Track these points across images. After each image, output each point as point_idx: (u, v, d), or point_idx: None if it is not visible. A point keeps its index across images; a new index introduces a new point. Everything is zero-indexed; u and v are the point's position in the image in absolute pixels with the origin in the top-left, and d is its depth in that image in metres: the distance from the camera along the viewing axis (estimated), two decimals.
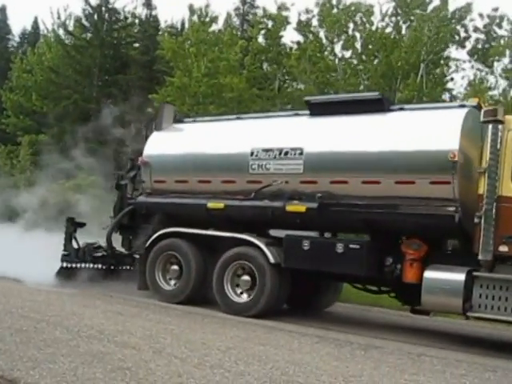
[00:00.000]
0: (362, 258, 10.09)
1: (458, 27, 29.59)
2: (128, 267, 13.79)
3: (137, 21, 41.98)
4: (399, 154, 10.03)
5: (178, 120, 13.50)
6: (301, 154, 10.83)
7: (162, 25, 41.58)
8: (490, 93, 27.41)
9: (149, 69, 36.14)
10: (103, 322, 8.97)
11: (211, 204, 11.63)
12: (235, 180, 11.56)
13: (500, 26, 29.15)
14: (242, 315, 10.66)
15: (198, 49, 28.33)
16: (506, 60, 28.23)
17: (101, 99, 35.03)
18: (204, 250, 11.81)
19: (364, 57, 29.33)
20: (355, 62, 29.76)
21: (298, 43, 30.56)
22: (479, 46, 30.07)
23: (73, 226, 13.62)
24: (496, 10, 29.26)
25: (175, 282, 12.02)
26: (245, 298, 11.07)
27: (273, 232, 11.70)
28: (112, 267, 13.78)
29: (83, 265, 13.43)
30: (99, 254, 13.65)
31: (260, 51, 30.49)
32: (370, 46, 28.74)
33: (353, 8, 28.96)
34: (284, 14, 30.66)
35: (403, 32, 29.48)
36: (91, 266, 13.52)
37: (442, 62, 29.98)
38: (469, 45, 30.25)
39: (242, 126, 12.42)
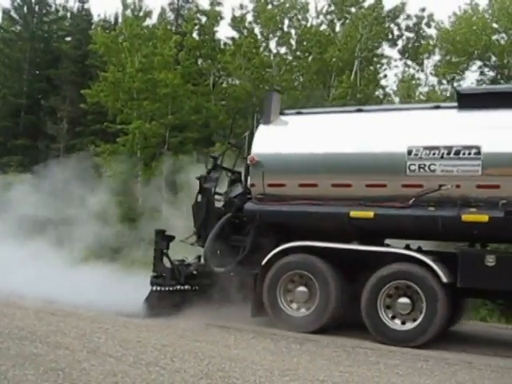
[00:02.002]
0: None
1: (392, 26, 30.25)
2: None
3: (69, 14, 41.10)
4: None
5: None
6: (477, 153, 8.97)
7: (95, 19, 40.85)
8: (420, 89, 28.08)
9: (81, 63, 35.45)
10: (35, 323, 8.77)
11: (355, 213, 9.56)
12: (386, 184, 9.52)
13: (429, 26, 29.95)
14: (404, 346, 8.82)
15: (132, 44, 28.00)
16: (435, 57, 29.02)
17: (31, 94, 34.27)
18: (344, 269, 9.71)
19: (299, 53, 29.59)
20: (290, 58, 29.98)
21: (233, 39, 30.57)
22: (410, 45, 30.81)
23: (164, 240, 11.10)
24: (423, 10, 30.09)
25: (298, 305, 9.88)
26: (405, 324, 9.16)
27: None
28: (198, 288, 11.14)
29: (176, 287, 10.90)
30: (191, 274, 11.10)
31: (194, 47, 30.35)
32: (305, 43, 29.02)
33: (287, 5, 29.17)
34: (217, 9, 30.65)
35: (337, 29, 29.89)
36: (184, 287, 10.97)
37: (375, 59, 30.55)
38: (401, 43, 30.99)
39: (380, 119, 10.37)
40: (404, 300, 9.13)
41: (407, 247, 9.53)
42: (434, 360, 8.02)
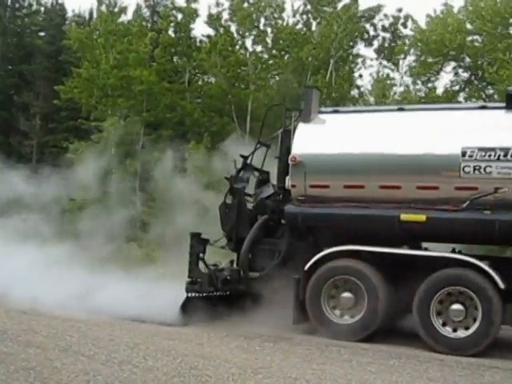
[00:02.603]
0: None
1: (367, 26, 30.42)
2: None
3: (42, 9, 40.68)
4: None
5: None
6: None
7: (69, 14, 40.50)
8: (395, 89, 28.28)
9: (55, 59, 35.12)
10: (6, 322, 8.67)
11: (407, 216, 9.21)
12: (438, 186, 9.20)
13: (405, 26, 30.16)
14: (460, 354, 8.49)
15: (107, 40, 27.82)
16: (411, 58, 29.24)
17: (3, 90, 33.84)
18: (393, 274, 9.32)
19: (275, 52, 29.63)
20: (266, 56, 30.01)
21: (209, 37, 30.50)
22: (386, 45, 31.01)
23: (200, 244, 10.51)
24: (400, 10, 30.29)
25: (342, 312, 9.48)
26: (456, 332, 8.83)
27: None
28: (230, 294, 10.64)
29: (213, 294, 10.40)
30: (225, 279, 10.43)
31: (170, 44, 30.22)
32: (281, 42, 29.06)
33: (263, 3, 29.18)
34: (193, 6, 30.56)
35: (313, 28, 29.98)
36: (221, 294, 10.48)
37: (350, 58, 30.70)
38: (377, 43, 31.18)
39: (425, 119, 9.98)
40: (457, 307, 8.83)
41: (455, 251, 9.34)
42: (405, 357, 8.08)
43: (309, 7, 29.96)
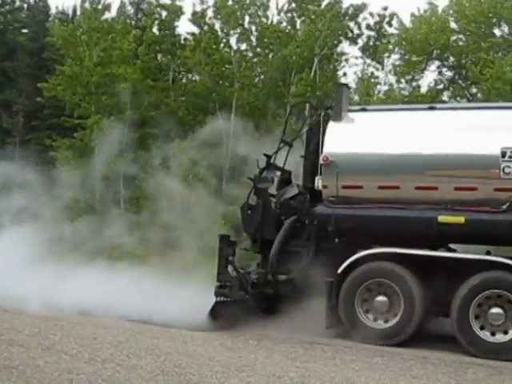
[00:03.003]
0: None
1: (351, 24, 30.48)
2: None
3: (25, 5, 40.35)
4: None
5: None
6: None
7: (53, 11, 40.20)
8: (379, 87, 28.39)
9: (38, 56, 34.85)
10: None
11: (444, 217, 8.99)
12: (476, 187, 9.02)
13: (390, 25, 30.26)
14: (497, 359, 8.28)
15: (90, 37, 27.68)
16: (395, 56, 29.35)
17: None
18: (429, 277, 9.16)
19: (259, 50, 29.62)
20: (250, 54, 30.00)
21: (193, 34, 30.44)
22: (371, 43, 31.10)
23: (230, 247, 10.10)
24: (385, 9, 30.37)
25: (375, 316, 9.26)
26: (495, 336, 8.65)
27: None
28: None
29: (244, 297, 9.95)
30: (253, 282, 9.98)
31: (154, 41, 30.13)
32: (265, 40, 29.06)
33: (248, 1, 29.16)
34: (178, 4, 30.49)
35: (298, 27, 30.01)
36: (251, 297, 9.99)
37: (335, 56, 30.76)
38: (361, 42, 31.25)
39: (460, 118, 9.78)
40: (497, 310, 8.62)
41: (489, 253, 9.14)
42: (389, 355, 8.12)
43: (293, 5, 29.97)
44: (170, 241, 15.80)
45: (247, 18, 29.52)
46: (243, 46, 30.02)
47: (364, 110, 10.50)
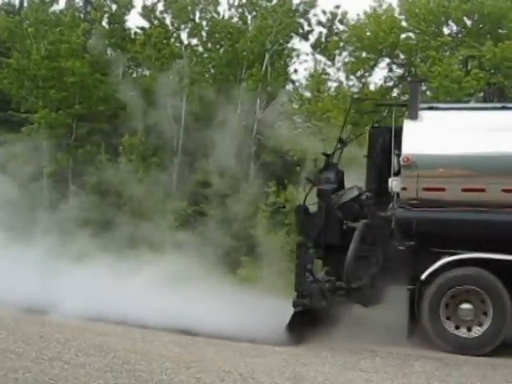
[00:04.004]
0: None
1: (302, 20, 30.58)
2: None
3: None
4: None
5: None
6: None
7: None
8: (329, 84, 28.55)
9: None
10: None
11: None
12: None
13: (342, 22, 30.44)
14: None
15: (38, 30, 27.09)
16: (346, 53, 29.52)
17: None
18: None
19: (210, 45, 29.50)
20: (201, 49, 29.85)
21: (143, 29, 30.11)
22: (322, 40, 31.25)
23: (308, 254, 9.66)
24: (338, 7, 30.56)
25: (457, 324, 9.07)
26: None
27: None
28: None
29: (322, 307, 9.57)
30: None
31: (104, 35, 29.68)
32: (216, 35, 28.94)
33: None
34: None
35: (249, 22, 29.97)
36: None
37: (285, 52, 30.82)
38: (312, 38, 31.36)
39: None
40: None
41: None
42: (338, 349, 8.22)
43: (244, 1, 29.92)
44: (121, 238, 15.65)
45: (198, 13, 29.34)
46: (194, 41, 29.85)
47: (432, 108, 10.11)
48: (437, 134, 9.56)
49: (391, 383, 6.72)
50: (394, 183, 9.51)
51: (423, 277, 8.97)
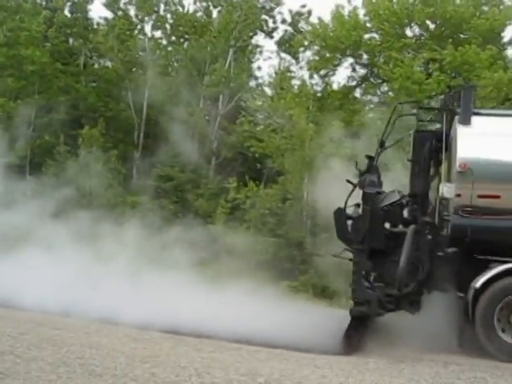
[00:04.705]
0: None
1: (267, 17, 30.60)
2: None
3: None
4: None
5: None
6: None
7: None
8: (293, 82, 28.63)
9: None
10: None
11: None
12: None
13: (307, 22, 30.53)
14: None
15: None
16: (310, 52, 29.63)
17: None
18: None
19: (174, 38, 29.33)
20: (165, 42, 29.67)
21: (106, 19, 29.79)
22: (287, 38, 31.32)
23: (367, 260, 9.31)
24: (304, 6, 30.66)
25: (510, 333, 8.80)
26: None
27: None
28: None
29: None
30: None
31: (65, 24, 29.22)
32: (181, 28, 28.79)
33: None
34: None
35: (214, 17, 29.88)
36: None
37: (249, 49, 30.81)
38: (277, 35, 31.42)
39: None
40: None
41: None
42: (293, 347, 8.24)
43: None
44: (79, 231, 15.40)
45: (162, 6, 29.15)
46: (158, 34, 29.65)
47: (478, 114, 9.79)
48: (491, 140, 9.39)
49: (345, 380, 6.76)
50: (445, 189, 9.35)
51: (478, 285, 8.81)
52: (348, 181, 9.95)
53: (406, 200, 9.77)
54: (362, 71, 28.82)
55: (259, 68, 31.79)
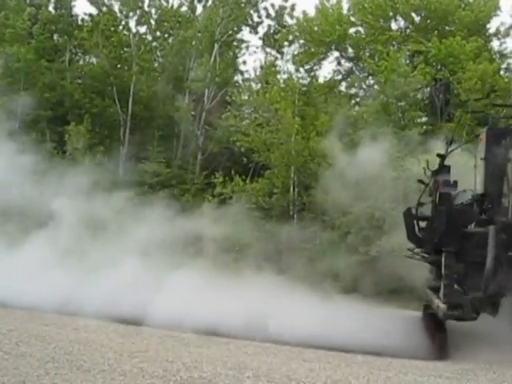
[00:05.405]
0: None
1: (252, 12, 30.51)
2: None
3: None
4: None
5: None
6: None
7: None
8: (279, 76, 28.64)
9: None
10: None
11: None
12: None
13: (291, 16, 30.51)
14: None
15: None
16: (295, 46, 29.61)
17: None
18: None
19: (159, 33, 29.23)
20: (150, 38, 29.56)
21: (91, 15, 29.62)
22: (271, 32, 31.26)
23: (458, 263, 8.99)
24: (286, 0, 30.59)
25: None
26: None
27: None
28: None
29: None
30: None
31: (50, 21, 29.02)
32: (165, 23, 28.68)
33: None
34: None
35: (198, 12, 29.79)
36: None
37: (235, 43, 30.75)
38: (262, 30, 31.35)
39: None
40: None
41: None
42: (274, 341, 8.29)
43: None
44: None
45: (147, 1, 29.02)
46: (142, 29, 29.52)
47: None
48: None
49: (333, 373, 6.82)
50: None
51: None
52: (420, 181, 9.73)
53: (479, 200, 9.51)
54: (347, 65, 28.89)
55: (244, 63, 31.75)
